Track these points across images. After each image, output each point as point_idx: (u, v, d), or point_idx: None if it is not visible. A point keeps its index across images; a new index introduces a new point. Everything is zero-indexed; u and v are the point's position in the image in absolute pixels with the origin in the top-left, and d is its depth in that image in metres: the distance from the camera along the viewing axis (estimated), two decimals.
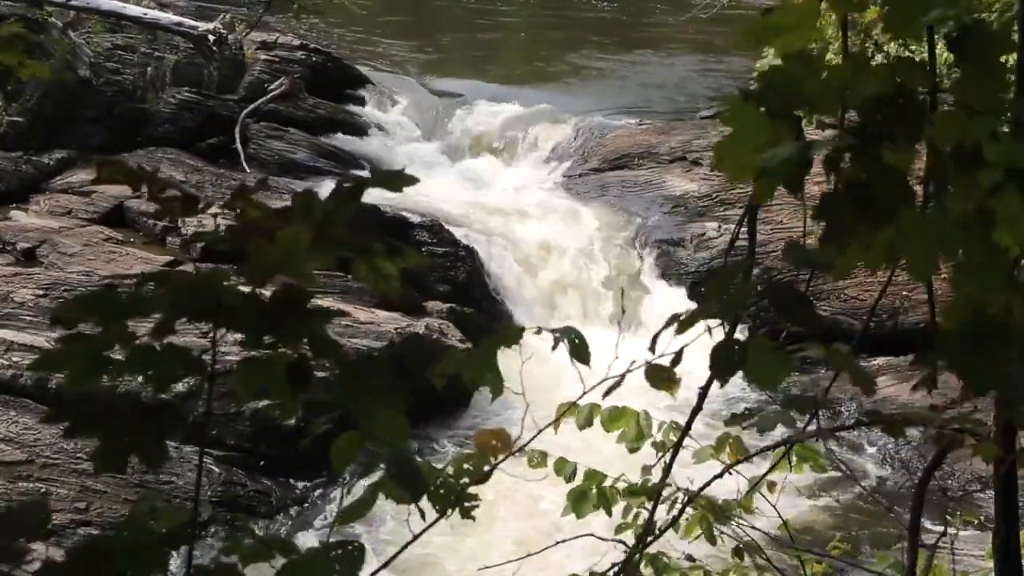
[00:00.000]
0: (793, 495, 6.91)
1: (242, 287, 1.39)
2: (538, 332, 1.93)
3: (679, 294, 9.72)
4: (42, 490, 6.77)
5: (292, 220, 1.36)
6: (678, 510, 2.94)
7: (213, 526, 1.83)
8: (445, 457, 7.70)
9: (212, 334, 1.39)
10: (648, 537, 2.68)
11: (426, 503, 1.68)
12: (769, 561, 3.55)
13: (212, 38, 11.00)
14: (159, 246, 9.40)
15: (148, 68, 11.36)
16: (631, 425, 3.42)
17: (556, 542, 3.35)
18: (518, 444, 2.09)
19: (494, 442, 2.06)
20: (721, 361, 1.62)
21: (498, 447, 2.05)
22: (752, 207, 2.43)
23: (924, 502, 2.50)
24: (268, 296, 1.41)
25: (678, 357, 1.84)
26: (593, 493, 3.39)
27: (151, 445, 1.42)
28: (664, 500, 3.00)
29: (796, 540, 4.12)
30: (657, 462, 3.19)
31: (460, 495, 1.91)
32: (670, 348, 1.83)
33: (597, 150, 11.81)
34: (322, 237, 1.36)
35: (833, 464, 6.34)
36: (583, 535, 3.28)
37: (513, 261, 10.10)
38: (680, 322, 1.64)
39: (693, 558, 3.68)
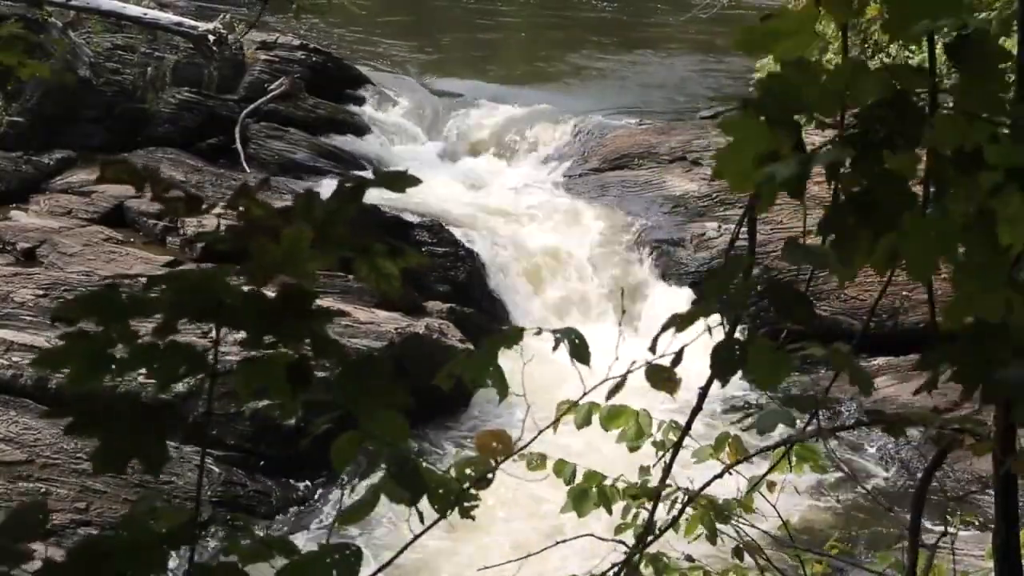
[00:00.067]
0: (793, 495, 6.90)
1: (243, 286, 1.39)
2: (539, 333, 1.93)
3: (679, 294, 9.70)
4: (42, 490, 6.76)
5: (293, 220, 1.36)
6: (678, 510, 2.94)
7: (213, 526, 1.83)
8: (445, 457, 7.69)
9: (215, 333, 1.39)
10: (648, 537, 2.68)
11: (424, 505, 1.68)
12: (769, 561, 3.55)
13: (212, 38, 10.99)
14: (159, 246, 9.41)
15: (148, 68, 11.36)
16: (630, 424, 3.42)
17: (556, 542, 3.35)
18: (519, 445, 2.09)
19: (495, 443, 2.06)
20: (721, 361, 1.62)
21: (499, 449, 2.04)
22: (752, 207, 2.43)
23: (924, 502, 2.50)
24: (270, 296, 1.41)
25: (678, 358, 1.83)
26: (594, 492, 3.39)
27: (151, 446, 1.42)
28: (664, 499, 3.00)
29: (796, 540, 4.12)
30: (657, 462, 3.19)
31: (460, 496, 1.90)
32: (670, 348, 1.82)
33: (597, 150, 11.81)
34: (324, 237, 1.36)
35: (833, 464, 6.34)
36: (583, 535, 3.28)
37: (512, 261, 10.10)
38: (680, 320, 1.64)
39: (693, 558, 3.68)
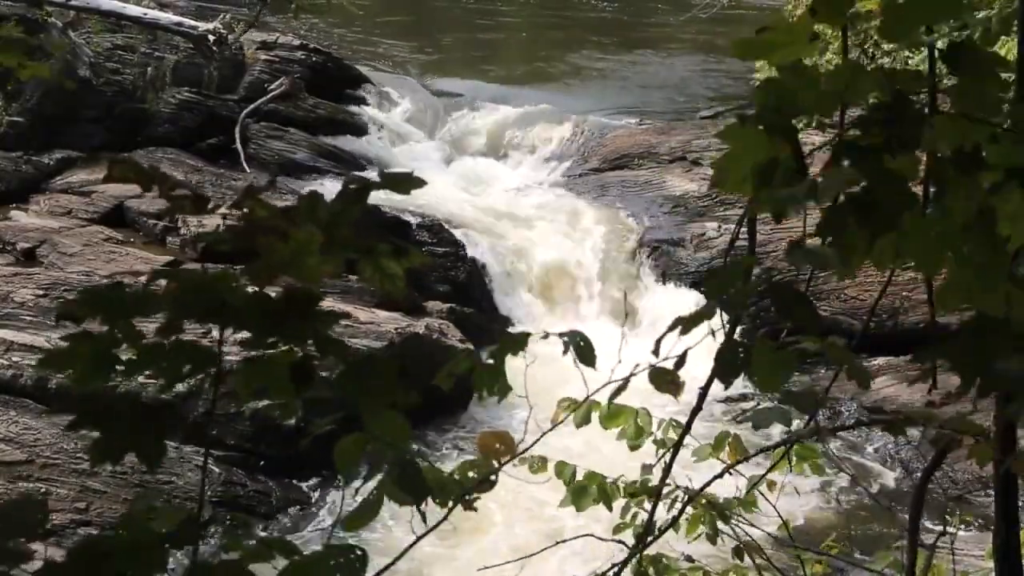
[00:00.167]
0: (793, 495, 6.89)
1: (247, 287, 1.39)
2: (545, 337, 1.92)
3: (679, 294, 9.70)
4: (42, 490, 6.76)
5: (298, 221, 1.36)
6: (678, 510, 2.94)
7: (213, 526, 1.83)
8: (445, 457, 7.68)
9: (219, 333, 1.39)
10: (648, 537, 2.68)
11: (426, 505, 1.68)
12: (769, 561, 3.55)
13: (212, 38, 10.99)
14: (159, 246, 9.41)
15: (148, 68, 11.36)
16: (630, 423, 3.42)
17: (556, 542, 3.35)
18: (521, 447, 2.09)
19: (497, 445, 2.05)
20: (725, 363, 1.62)
21: (501, 450, 2.04)
22: (752, 207, 2.43)
23: (923, 502, 2.50)
24: (274, 296, 1.41)
25: (682, 360, 1.83)
26: (594, 488, 3.39)
27: (150, 445, 1.42)
28: (664, 499, 3.00)
29: (796, 540, 4.12)
30: (657, 462, 3.19)
31: (461, 497, 1.90)
32: (672, 351, 1.82)
33: (597, 150, 11.81)
34: (329, 239, 1.36)
35: (833, 464, 6.34)
36: (583, 535, 3.28)
37: (513, 261, 10.10)
38: (684, 322, 1.64)
39: (692, 558, 3.68)
